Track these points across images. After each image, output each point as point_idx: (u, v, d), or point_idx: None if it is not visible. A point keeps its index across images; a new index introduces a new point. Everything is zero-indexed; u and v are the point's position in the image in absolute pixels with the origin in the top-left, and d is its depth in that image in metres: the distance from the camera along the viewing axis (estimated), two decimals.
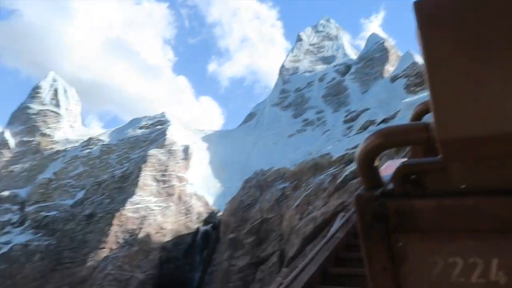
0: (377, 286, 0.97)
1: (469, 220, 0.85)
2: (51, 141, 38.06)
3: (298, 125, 35.65)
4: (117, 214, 26.18)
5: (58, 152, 36.37)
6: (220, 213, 28.52)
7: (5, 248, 27.71)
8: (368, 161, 1.00)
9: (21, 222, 30.02)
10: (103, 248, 24.99)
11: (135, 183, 28.27)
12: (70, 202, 30.25)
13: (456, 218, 0.86)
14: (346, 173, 22.06)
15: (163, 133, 32.97)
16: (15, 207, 31.29)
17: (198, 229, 28.14)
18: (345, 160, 23.49)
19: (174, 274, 25.51)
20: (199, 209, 29.03)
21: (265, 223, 23.98)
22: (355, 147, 24.25)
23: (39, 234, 28.35)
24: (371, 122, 27.02)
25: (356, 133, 26.27)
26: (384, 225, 0.94)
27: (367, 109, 28.61)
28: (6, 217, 30.65)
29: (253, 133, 37.22)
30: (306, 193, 22.94)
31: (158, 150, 30.72)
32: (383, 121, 26.17)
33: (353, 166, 22.60)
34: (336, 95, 36.55)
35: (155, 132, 33.87)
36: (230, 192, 29.31)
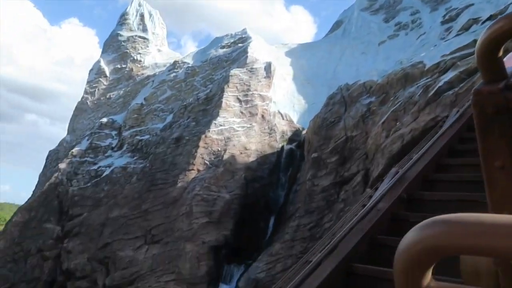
0: (493, 184, 0.93)
1: None
2: (141, 66, 39.17)
3: (390, 31, 32.16)
4: (203, 136, 26.54)
5: (148, 77, 37.43)
6: (304, 131, 27.61)
7: (108, 171, 30.03)
8: (491, 51, 0.92)
9: (119, 147, 32.08)
10: (191, 170, 25.79)
11: (218, 105, 28.16)
12: (160, 126, 31.37)
13: None
14: (440, 83, 19.44)
15: (244, 51, 31.92)
16: (114, 133, 33.39)
17: (282, 148, 27.71)
18: (440, 69, 20.65)
19: (260, 193, 25.75)
20: (283, 127, 28.36)
21: (349, 141, 22.63)
22: (453, 52, 21.11)
23: (135, 157, 30.14)
24: (475, 21, 23.17)
25: (455, 36, 22.79)
26: (507, 120, 0.88)
27: (470, 5, 24.53)
28: (107, 142, 32.92)
29: (339, 43, 34.52)
30: (394, 108, 20.87)
31: (239, 70, 29.94)
32: (490, 18, 22.24)
33: (448, 76, 19.81)
34: None
35: (236, 50, 32.93)
36: (315, 109, 27.98)
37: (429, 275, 0.70)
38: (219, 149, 26.23)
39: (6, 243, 30.43)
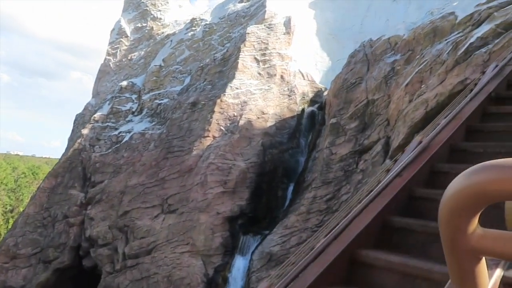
0: None
1: None
2: (162, 24, 37.73)
3: None
4: (218, 100, 25.28)
5: (168, 36, 36.05)
6: (326, 92, 25.76)
7: (127, 137, 29.61)
8: None
9: (139, 111, 31.44)
10: (207, 136, 24.80)
11: (234, 66, 26.58)
12: (179, 89, 30.30)
13: None
14: (472, 39, 16.95)
15: (262, 5, 29.68)
16: (134, 96, 32.70)
17: (303, 110, 26.07)
18: (473, 21, 18.03)
19: (278, 160, 24.54)
20: (303, 88, 26.56)
21: (370, 105, 20.73)
22: (490, 0, 18.28)
23: (153, 123, 29.44)
24: None
25: None
26: None
27: None
28: (128, 106, 32.35)
29: None
30: (419, 68, 18.63)
31: (257, 26, 27.94)
32: None
33: (482, 30, 17.21)
34: None
35: (254, 4, 30.72)
36: (340, 66, 25.86)
37: (475, 221, 0.71)
38: (235, 114, 24.96)
39: (36, 208, 31.21)
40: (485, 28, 17.08)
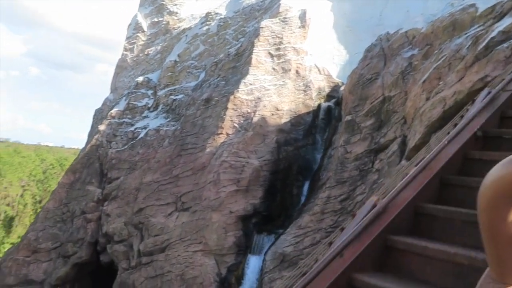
0: None
1: None
2: (178, 19, 37.46)
3: None
4: (231, 97, 24.92)
5: (184, 30, 35.78)
6: (342, 87, 25.09)
7: (143, 133, 29.60)
8: None
9: (155, 107, 31.37)
10: (220, 134, 24.51)
11: (248, 61, 26.11)
12: (194, 84, 30.05)
13: None
14: (493, 34, 16.04)
15: None
16: (150, 92, 32.63)
17: (319, 106, 25.48)
18: (495, 13, 17.09)
19: (293, 158, 24.10)
20: (320, 83, 25.94)
21: (386, 102, 20.02)
22: None
23: (168, 119, 29.32)
24: None
25: None
26: None
27: None
28: (144, 101, 32.32)
29: None
30: (437, 63, 17.82)
31: (271, 21, 27.35)
32: None
33: (504, 23, 16.28)
34: None
35: None
36: (357, 59, 25.10)
37: None
38: (249, 111, 24.57)
39: (55, 203, 31.65)
40: (507, 21, 16.13)
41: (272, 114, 24.48)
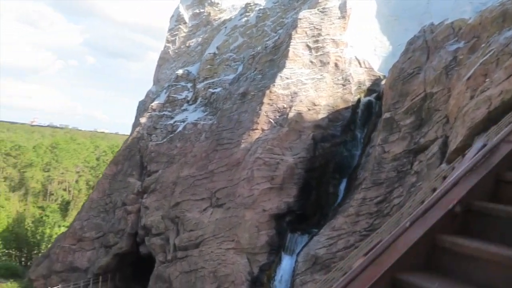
0: None
1: None
2: (219, 10, 37.12)
3: None
4: (267, 91, 24.37)
5: (224, 21, 35.41)
6: (384, 81, 23.86)
7: (181, 127, 29.71)
8: None
9: (194, 100, 31.37)
10: (255, 129, 24.08)
11: (285, 54, 25.37)
12: (232, 77, 29.71)
13: None
14: None
15: None
16: (189, 85, 32.66)
17: (359, 101, 24.43)
18: None
19: (330, 154, 23.31)
20: (360, 77, 24.82)
21: (428, 99, 18.75)
22: None
23: (206, 113, 29.22)
24: None
25: None
26: None
27: None
28: (183, 94, 32.42)
29: None
30: (484, 58, 16.36)
31: (309, 11, 26.36)
32: None
33: None
34: None
35: None
36: (401, 51, 23.76)
37: None
38: (285, 106, 23.94)
39: (99, 194, 32.60)
40: None
41: (309, 110, 23.73)
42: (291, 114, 23.52)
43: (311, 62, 25.02)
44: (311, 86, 24.20)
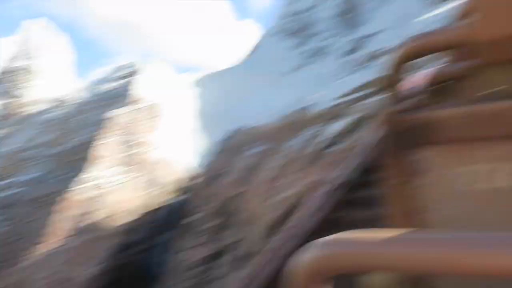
0: (395, 199, 0.93)
1: (502, 124, 0.80)
2: (20, 104, 33.82)
3: (299, 59, 28.53)
4: (65, 196, 21.63)
5: (29, 116, 32.19)
6: (195, 181, 23.24)
7: None
8: (397, 70, 0.93)
9: None
10: (46, 241, 20.74)
11: (90, 155, 23.34)
12: (29, 178, 26.16)
13: (488, 122, 0.80)
14: (323, 137, 15.50)
15: (130, 87, 27.27)
16: None
17: (168, 202, 23.22)
18: (327, 115, 16.83)
19: (136, 262, 21.06)
20: (170, 177, 23.89)
21: (232, 201, 18.38)
22: (345, 95, 17.28)
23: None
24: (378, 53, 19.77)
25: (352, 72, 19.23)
26: (409, 138, 0.88)
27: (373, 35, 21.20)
28: None
29: (248, 72, 30.55)
30: (276, 163, 16.80)
31: (121, 110, 25.30)
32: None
33: (337, 125, 15.90)
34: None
35: (124, 86, 28.19)
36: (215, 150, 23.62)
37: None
38: (85, 212, 21.37)
39: None
40: (339, 123, 15.81)
41: (113, 215, 21.56)
42: (91, 221, 21.00)
43: (120, 162, 23.38)
44: (117, 188, 22.30)
